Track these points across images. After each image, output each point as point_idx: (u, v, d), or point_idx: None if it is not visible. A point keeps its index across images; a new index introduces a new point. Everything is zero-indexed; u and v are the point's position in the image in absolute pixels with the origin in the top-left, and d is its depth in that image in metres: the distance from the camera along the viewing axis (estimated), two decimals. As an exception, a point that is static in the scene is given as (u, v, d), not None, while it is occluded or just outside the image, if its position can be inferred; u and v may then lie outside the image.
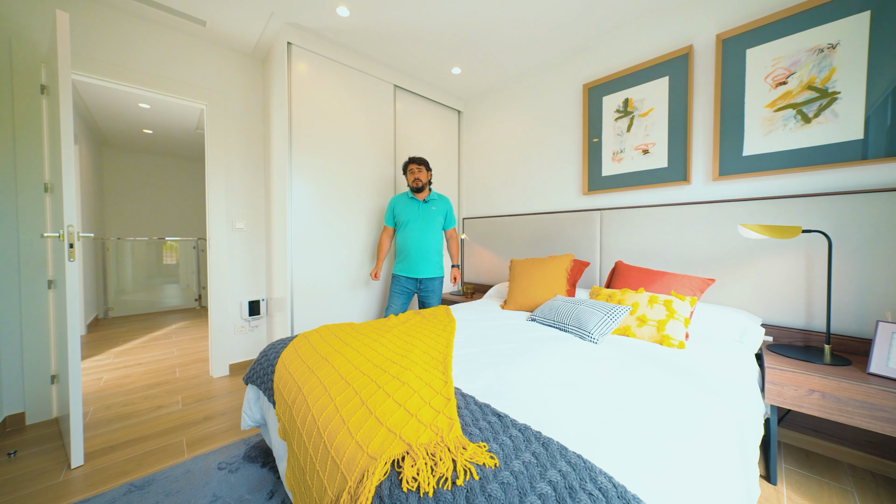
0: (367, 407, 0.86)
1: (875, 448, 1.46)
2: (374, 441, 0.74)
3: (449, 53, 2.51)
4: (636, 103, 2.14)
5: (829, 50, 1.52)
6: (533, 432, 0.74)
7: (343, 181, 2.48)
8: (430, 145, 3.07)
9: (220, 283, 2.48)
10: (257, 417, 1.45)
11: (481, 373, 1.11)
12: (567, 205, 2.54)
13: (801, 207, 1.58)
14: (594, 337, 1.45)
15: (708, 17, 1.87)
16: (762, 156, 1.71)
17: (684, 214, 1.93)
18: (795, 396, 1.30)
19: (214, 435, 1.71)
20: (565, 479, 0.60)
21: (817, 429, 1.58)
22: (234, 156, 2.54)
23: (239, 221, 2.57)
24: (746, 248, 1.73)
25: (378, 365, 1.11)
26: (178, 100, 2.32)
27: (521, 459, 0.65)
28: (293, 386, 1.08)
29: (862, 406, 1.19)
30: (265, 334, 2.73)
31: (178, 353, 3.00)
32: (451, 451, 0.67)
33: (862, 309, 1.46)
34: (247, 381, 1.46)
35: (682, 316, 1.47)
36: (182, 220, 5.40)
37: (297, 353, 1.29)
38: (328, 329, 1.57)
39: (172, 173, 5.30)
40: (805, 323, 1.59)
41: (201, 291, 5.21)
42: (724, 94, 1.80)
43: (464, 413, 0.82)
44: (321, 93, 2.35)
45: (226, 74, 2.49)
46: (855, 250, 1.47)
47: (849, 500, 1.30)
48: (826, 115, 1.54)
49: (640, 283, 1.76)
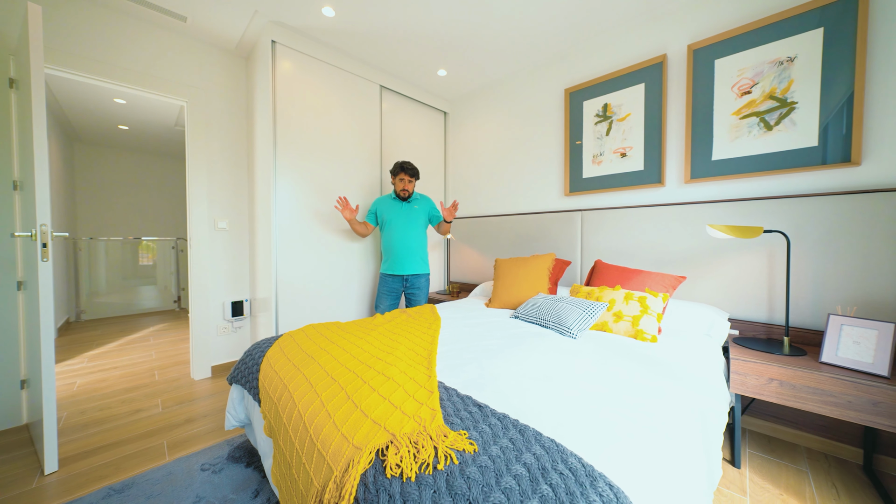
0: (353, 401, 0.89)
1: (827, 431, 1.58)
2: (359, 432, 0.76)
3: (435, 56, 2.55)
4: (615, 108, 2.23)
5: (788, 63, 1.64)
6: (511, 420, 0.78)
7: (329, 181, 2.47)
8: (416, 146, 3.09)
9: (201, 284, 2.43)
10: (242, 417, 1.44)
11: (464, 367, 1.15)
12: (550, 206, 2.61)
13: (764, 209, 1.69)
14: (573, 332, 1.51)
15: (680, 28, 1.97)
16: (729, 160, 1.81)
17: (659, 215, 2.02)
18: (756, 385, 1.40)
19: (197, 437, 1.69)
20: (539, 461, 0.64)
21: (778, 416, 1.69)
22: (216, 154, 2.50)
23: (221, 221, 2.53)
24: (715, 248, 1.83)
25: (363, 362, 1.13)
26: (157, 96, 2.27)
27: (498, 445, 0.69)
28: (279, 384, 1.09)
29: (814, 392, 1.29)
30: (249, 335, 2.69)
31: (156, 355, 2.92)
32: (433, 438, 0.70)
33: (816, 303, 1.58)
34: (231, 381, 1.45)
35: (655, 311, 1.55)
36: (160, 220, 5.23)
37: (282, 351, 1.30)
38: (314, 328, 1.58)
39: (149, 171, 5.13)
40: (767, 317, 1.70)
41: (181, 293, 5.06)
42: (695, 102, 1.90)
43: (446, 404, 0.86)
44: (306, 91, 2.34)
45: (207, 71, 2.45)
46: (810, 249, 1.59)
47: (804, 479, 1.41)
48: (785, 124, 1.65)
49: (618, 280, 1.84)
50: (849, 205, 1.49)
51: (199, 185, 2.41)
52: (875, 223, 1.44)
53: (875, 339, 1.29)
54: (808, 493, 1.33)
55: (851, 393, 1.23)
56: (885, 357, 1.25)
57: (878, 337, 1.28)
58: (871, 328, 1.30)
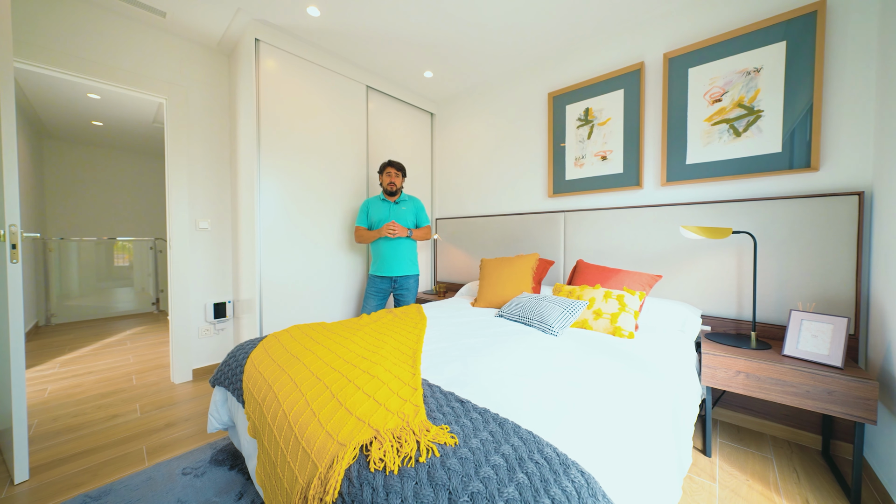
0: (338, 399, 0.90)
1: (790, 420, 1.68)
2: (343, 429, 0.78)
3: (421, 57, 2.57)
4: (596, 113, 2.30)
5: (755, 73, 1.73)
6: (491, 414, 0.81)
7: (314, 181, 2.46)
8: (403, 146, 3.10)
9: (182, 285, 2.38)
10: (225, 420, 1.43)
11: (449, 365, 1.18)
12: (534, 207, 2.67)
13: (734, 211, 1.79)
14: (555, 330, 1.56)
15: (657, 36, 2.05)
16: (702, 164, 1.90)
17: (637, 217, 2.10)
18: (725, 378, 1.48)
19: (178, 441, 1.65)
20: (516, 452, 0.68)
21: (746, 406, 1.79)
22: (197, 153, 2.45)
23: (203, 221, 2.48)
24: (688, 247, 1.92)
25: (349, 361, 1.15)
26: (134, 92, 2.20)
27: (478, 438, 0.72)
28: (263, 384, 1.09)
29: (776, 383, 1.38)
30: (232, 337, 2.65)
31: (134, 359, 2.83)
32: (416, 433, 0.72)
33: (780, 299, 1.68)
34: (213, 384, 1.43)
35: (633, 309, 1.61)
36: (137, 219, 5.06)
37: (266, 352, 1.30)
38: (299, 329, 1.58)
39: (125, 169, 4.96)
40: (737, 313, 1.80)
41: (159, 294, 4.91)
42: (671, 108, 1.99)
43: (429, 401, 0.88)
44: (291, 90, 2.32)
45: (188, 69, 2.40)
46: (775, 249, 1.68)
47: (768, 465, 1.50)
48: (752, 130, 1.75)
49: (598, 279, 1.90)
50: (809, 207, 1.59)
51: (180, 183, 2.35)
52: (832, 225, 1.54)
53: (830, 332, 1.38)
54: (772, 477, 1.42)
55: (809, 383, 1.32)
56: (839, 349, 1.34)
57: (833, 331, 1.38)
58: (828, 322, 1.39)
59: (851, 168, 1.54)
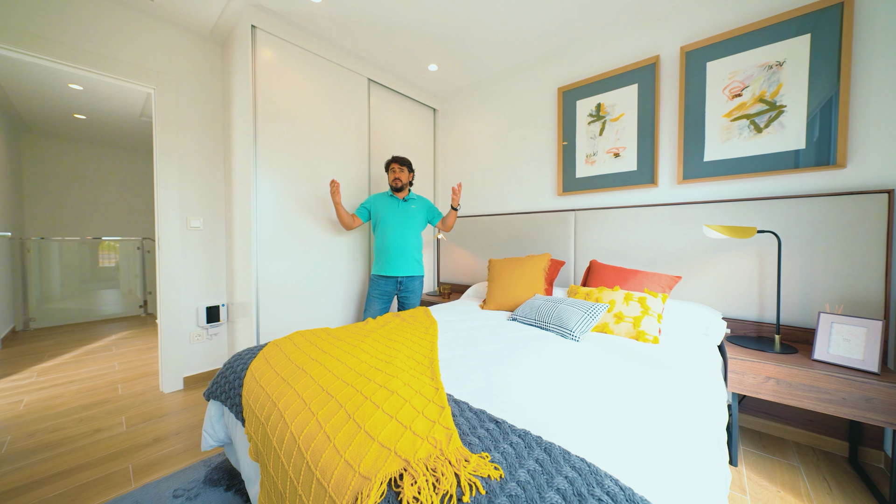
0: (355, 420, 0.80)
1: (815, 426, 1.62)
2: (366, 458, 0.67)
3: (426, 49, 2.46)
4: (608, 108, 2.23)
5: (777, 67, 1.67)
6: (533, 437, 0.72)
7: (314, 177, 2.33)
8: (405, 143, 2.99)
9: (172, 288, 2.23)
10: (221, 436, 1.31)
11: (470, 376, 1.08)
12: (542, 205, 2.59)
13: (755, 210, 1.72)
14: (575, 335, 1.47)
15: (673, 29, 1.98)
16: (721, 161, 1.84)
17: (652, 215, 2.03)
18: (754, 384, 1.41)
19: (168, 458, 1.53)
20: (573, 486, 0.58)
21: (767, 412, 1.73)
22: (188, 147, 2.30)
23: (195, 219, 2.33)
24: (707, 247, 1.85)
25: (362, 373, 1.04)
26: (120, 81, 2.05)
27: (525, 468, 0.63)
28: (266, 400, 0.98)
29: (810, 390, 1.31)
30: (226, 343, 2.51)
31: (120, 367, 2.67)
32: (453, 464, 0.62)
33: (804, 301, 1.62)
34: (208, 397, 1.31)
35: (656, 312, 1.54)
36: (123, 218, 4.85)
37: (268, 363, 1.18)
38: (301, 336, 1.46)
39: (111, 165, 4.74)
40: (758, 315, 1.73)
41: (147, 297, 4.70)
42: (688, 103, 1.92)
43: (460, 421, 0.78)
44: (289, 82, 2.20)
45: (179, 57, 2.25)
46: (799, 249, 1.63)
47: (796, 474, 1.44)
48: (774, 126, 1.69)
49: (615, 281, 1.82)
50: (835, 206, 1.54)
51: (170, 180, 2.21)
52: (859, 224, 1.49)
53: (864, 336, 1.32)
54: (803, 488, 1.36)
55: (845, 390, 1.25)
56: (875, 354, 1.28)
57: (867, 334, 1.32)
58: (861, 326, 1.34)
59: (880, 165, 1.48)
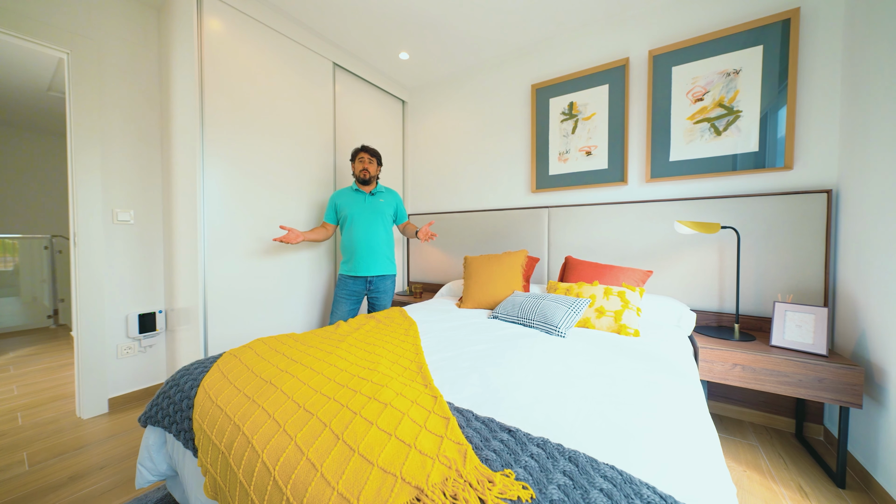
0: (345, 442, 0.67)
1: (767, 406, 1.77)
2: (366, 488, 0.56)
3: (397, 36, 2.33)
4: (580, 107, 2.27)
5: (734, 74, 1.80)
6: (553, 446, 0.65)
7: (272, 166, 2.09)
8: (372, 135, 2.82)
9: (93, 292, 1.87)
10: (163, 469, 1.08)
11: (465, 379, 1.00)
12: (516, 202, 2.58)
13: (716, 207, 1.84)
14: (561, 331, 1.45)
15: (642, 33, 2.06)
16: (685, 161, 1.94)
17: (622, 213, 2.10)
18: (722, 370, 1.49)
19: (89, 500, 1.24)
20: (611, 500, 0.52)
21: (727, 396, 1.86)
22: (115, 128, 1.94)
23: (123, 212, 1.98)
24: (673, 242, 1.95)
25: (344, 384, 0.90)
26: (19, 41, 1.67)
27: (555, 483, 0.55)
28: (227, 424, 0.81)
29: (771, 374, 1.41)
30: (164, 355, 2.16)
31: (20, 391, 2.19)
32: (476, 487, 0.53)
33: (758, 292, 1.76)
34: (145, 422, 1.08)
35: (635, 306, 1.57)
36: (26, 212, 4.07)
37: (226, 378, 0.99)
38: (264, 343, 1.27)
39: (9, 149, 3.95)
40: (718, 306, 1.86)
41: (59, 305, 3.98)
42: (655, 105, 2.01)
43: (469, 433, 0.69)
44: (244, 60, 1.94)
45: (101, 18, 1.89)
46: (754, 244, 1.76)
47: (756, 453, 1.54)
48: (732, 130, 1.82)
49: (592, 276, 1.85)
50: (784, 204, 1.68)
51: (89, 164, 1.85)
52: (805, 221, 1.64)
53: (813, 322, 1.45)
54: (764, 466, 1.45)
55: (801, 372, 1.36)
56: (822, 338, 1.41)
57: (815, 320, 1.45)
58: (810, 313, 1.47)
59: (820, 167, 1.65)
